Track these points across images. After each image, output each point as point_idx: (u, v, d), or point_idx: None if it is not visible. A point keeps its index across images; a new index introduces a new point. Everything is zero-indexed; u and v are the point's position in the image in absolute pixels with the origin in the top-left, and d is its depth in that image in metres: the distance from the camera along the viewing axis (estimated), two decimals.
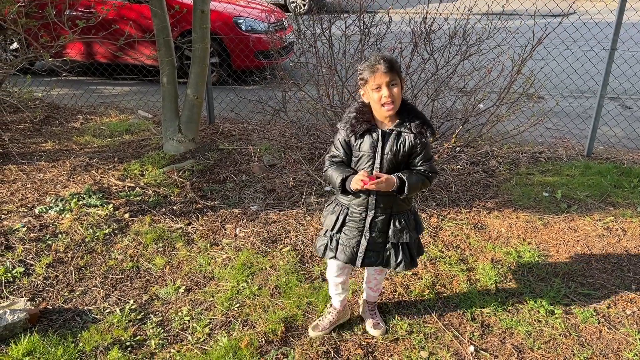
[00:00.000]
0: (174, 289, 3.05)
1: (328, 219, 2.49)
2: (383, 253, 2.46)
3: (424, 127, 2.29)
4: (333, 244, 2.47)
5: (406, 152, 2.31)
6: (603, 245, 3.53)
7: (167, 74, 4.74)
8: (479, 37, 4.18)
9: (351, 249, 2.44)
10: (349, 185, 2.30)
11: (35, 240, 3.47)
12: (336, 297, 2.71)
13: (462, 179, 4.44)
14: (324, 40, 4.32)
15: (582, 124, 5.47)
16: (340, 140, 2.38)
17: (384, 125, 2.33)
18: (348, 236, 2.44)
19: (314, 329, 2.68)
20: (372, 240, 2.42)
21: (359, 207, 2.40)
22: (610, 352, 2.61)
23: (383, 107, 2.23)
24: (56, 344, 2.59)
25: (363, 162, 2.34)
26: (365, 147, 2.31)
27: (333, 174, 2.36)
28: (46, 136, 5.35)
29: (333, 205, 2.50)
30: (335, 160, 2.41)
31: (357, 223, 2.42)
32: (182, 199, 4.06)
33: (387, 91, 2.20)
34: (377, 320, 2.76)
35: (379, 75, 2.19)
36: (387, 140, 2.30)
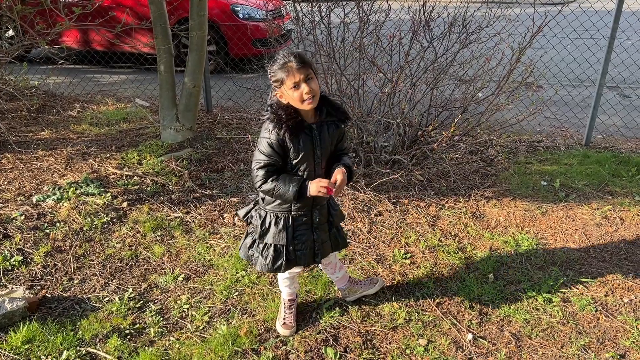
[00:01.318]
0: (172, 277, 3.06)
1: (276, 236, 2.38)
2: (330, 240, 2.52)
3: (344, 113, 2.35)
4: (292, 254, 2.42)
5: (335, 139, 2.36)
6: (601, 234, 3.54)
7: (164, 62, 4.71)
8: (478, 25, 4.15)
9: (309, 250, 2.44)
10: (308, 192, 2.25)
11: (34, 228, 3.47)
12: (287, 290, 2.69)
13: (460, 168, 4.44)
14: (322, 28, 4.28)
15: (581, 113, 5.46)
16: (272, 146, 2.21)
17: (309, 119, 2.29)
18: (302, 240, 2.42)
19: (285, 327, 2.63)
20: (321, 234, 2.46)
21: (304, 208, 2.38)
22: (608, 340, 2.63)
23: (303, 102, 2.17)
24: (55, 332, 2.60)
25: (304, 160, 2.27)
26: (304, 145, 2.24)
27: (282, 186, 2.22)
28: (43, 125, 5.32)
29: (269, 219, 2.40)
30: (271, 170, 2.25)
31: (306, 224, 2.41)
32: (180, 188, 4.05)
33: (307, 87, 2.14)
34: (369, 279, 2.90)
35: (294, 72, 2.13)
36: (321, 132, 2.29)
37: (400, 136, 4.20)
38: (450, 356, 2.51)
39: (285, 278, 2.64)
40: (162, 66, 4.73)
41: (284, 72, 2.14)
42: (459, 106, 4.30)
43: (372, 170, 4.21)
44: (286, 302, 2.70)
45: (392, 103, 4.24)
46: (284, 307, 2.70)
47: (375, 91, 4.37)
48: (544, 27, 4.04)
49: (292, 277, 2.65)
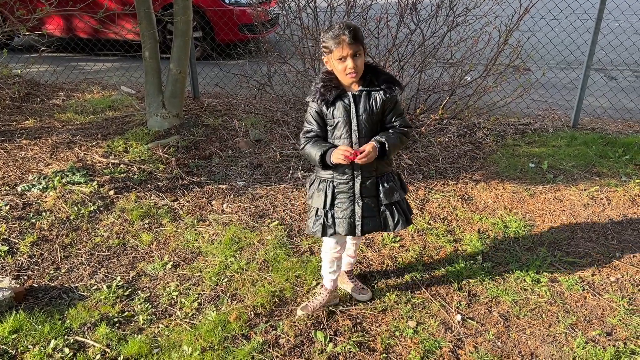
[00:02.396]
0: (161, 265, 3.04)
1: (316, 199, 2.44)
2: (379, 216, 2.45)
3: (391, 82, 2.31)
4: (329, 220, 2.44)
5: (379, 109, 2.32)
6: (588, 215, 3.56)
7: (149, 48, 4.64)
8: (465, 7, 4.13)
9: (348, 219, 2.41)
10: (329, 159, 2.28)
11: (19, 218, 3.42)
12: (329, 277, 2.64)
13: (449, 151, 4.44)
14: (309, 12, 4.24)
15: (569, 95, 5.47)
16: (312, 114, 2.35)
17: (351, 88, 2.33)
18: (342, 208, 2.41)
19: (303, 309, 2.64)
20: (365, 206, 2.41)
21: (344, 176, 2.38)
22: (595, 318, 2.65)
23: (346, 76, 2.25)
24: (43, 321, 2.57)
25: (339, 128, 2.32)
26: (338, 113, 2.29)
27: (311, 150, 2.33)
28: (27, 113, 5.24)
29: (317, 183, 2.46)
30: (310, 136, 2.38)
31: (347, 193, 2.40)
32: (168, 175, 4.02)
33: (352, 62, 2.20)
34: (361, 286, 2.80)
35: (344, 47, 2.18)
36: (359, 101, 2.30)
37: None
38: (440, 337, 2.52)
39: (329, 257, 2.58)
40: (146, 52, 4.66)
41: (335, 43, 2.18)
42: (447, 89, 4.29)
43: None
44: (325, 294, 2.66)
45: None
46: (320, 297, 2.67)
47: None
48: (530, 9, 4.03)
49: (337, 259, 2.60)
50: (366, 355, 2.42)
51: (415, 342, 2.49)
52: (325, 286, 2.69)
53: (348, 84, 2.30)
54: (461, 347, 2.47)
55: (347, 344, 2.46)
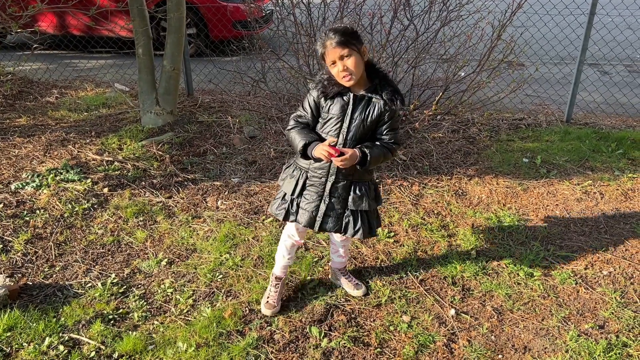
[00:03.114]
0: (156, 262, 3.04)
1: (287, 183, 2.47)
2: (342, 219, 2.45)
3: (394, 95, 2.29)
4: (294, 207, 2.46)
5: (374, 118, 2.31)
6: (581, 209, 3.58)
7: (142, 45, 4.63)
8: (458, 2, 4.13)
9: (310, 212, 2.43)
10: (312, 152, 2.28)
11: (13, 216, 3.41)
12: (281, 262, 2.69)
13: (443, 146, 4.45)
14: (302, 8, 4.23)
15: (562, 90, 5.49)
16: (309, 101, 2.36)
17: (355, 88, 2.31)
18: (308, 200, 2.43)
19: (268, 306, 2.63)
20: (330, 206, 2.42)
21: (320, 170, 2.39)
22: (587, 311, 2.67)
23: (342, 80, 2.24)
24: (37, 319, 2.57)
25: (330, 124, 2.33)
26: (334, 109, 2.30)
27: (296, 136, 2.35)
28: (20, 111, 5.22)
29: (292, 169, 2.48)
30: (300, 121, 2.40)
31: (317, 187, 2.41)
32: (162, 173, 4.01)
33: (342, 65, 2.19)
34: (355, 281, 2.81)
35: (331, 51, 2.19)
36: (358, 104, 2.29)
37: None
38: (434, 332, 2.54)
39: (285, 246, 2.64)
40: (140, 49, 4.65)
41: (322, 48, 2.22)
42: (441, 85, 4.30)
43: None
44: (274, 278, 2.70)
45: None
46: (270, 285, 2.71)
47: None
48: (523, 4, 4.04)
49: (292, 246, 2.66)
50: (361, 350, 2.43)
51: (409, 336, 2.50)
52: (276, 274, 2.71)
53: (347, 85, 2.28)
54: (455, 341, 2.49)
55: (341, 339, 2.47)
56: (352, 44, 2.20)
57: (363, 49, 2.25)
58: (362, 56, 2.23)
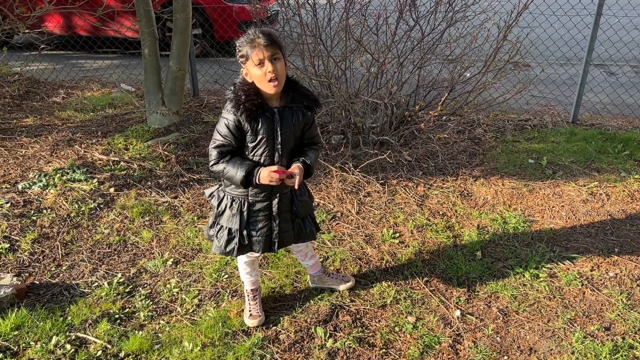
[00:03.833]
0: (162, 261, 3.05)
1: (229, 219, 2.33)
2: (292, 230, 2.42)
3: (312, 99, 2.25)
4: (245, 240, 2.35)
5: (301, 127, 2.26)
6: (587, 210, 3.57)
7: (148, 46, 4.65)
8: (464, 3, 4.13)
9: (264, 237, 2.35)
10: (256, 179, 2.17)
11: (20, 216, 3.44)
12: (248, 278, 2.61)
13: (448, 147, 4.44)
14: (307, 9, 4.24)
15: (568, 90, 5.48)
16: (230, 127, 2.16)
17: (272, 102, 2.21)
18: (258, 227, 2.34)
19: (252, 318, 2.57)
20: (282, 223, 2.37)
21: (262, 194, 2.29)
22: (593, 313, 2.67)
23: (268, 83, 2.11)
24: (44, 318, 2.59)
25: (262, 145, 2.20)
26: (262, 129, 2.16)
27: (230, 169, 2.17)
28: (27, 111, 5.25)
29: (228, 201, 2.34)
30: (224, 151, 2.21)
31: (263, 211, 2.33)
32: (168, 173, 4.03)
33: (271, 66, 2.08)
34: (341, 275, 2.81)
35: (260, 49, 2.07)
36: (284, 118, 2.20)
37: (388, 117, 4.20)
38: (439, 332, 2.54)
39: (245, 263, 2.55)
40: (146, 50, 4.67)
41: (250, 47, 2.08)
42: (446, 85, 4.30)
43: (360, 152, 4.20)
44: (249, 292, 2.63)
45: (380, 83, 4.22)
46: (247, 299, 2.63)
47: (362, 72, 4.35)
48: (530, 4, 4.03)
49: (252, 262, 2.57)
50: (366, 351, 2.43)
51: (414, 337, 2.50)
52: (250, 288, 2.64)
53: (272, 92, 2.15)
54: (460, 342, 2.49)
55: (346, 340, 2.48)
56: (281, 47, 2.13)
57: (286, 57, 2.19)
58: (285, 64, 2.16)
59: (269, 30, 2.12)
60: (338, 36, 4.33)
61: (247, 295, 2.64)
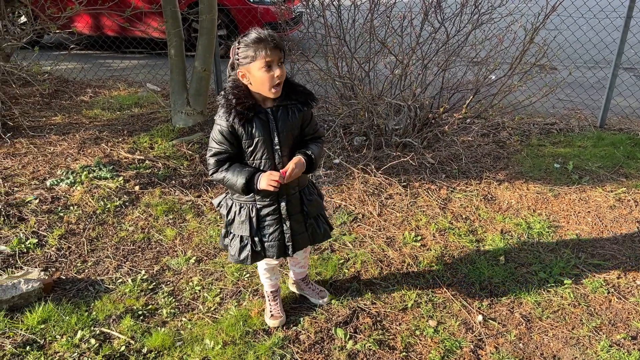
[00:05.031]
0: (184, 259, 3.09)
1: (239, 226, 2.29)
2: (306, 231, 2.37)
3: (307, 95, 2.18)
4: (257, 246, 2.30)
5: (299, 123, 2.19)
6: (614, 216, 3.50)
7: (174, 46, 4.71)
8: (491, 5, 4.09)
9: (277, 242, 2.30)
10: (257, 185, 2.13)
11: (48, 212, 3.51)
12: (268, 282, 2.61)
13: (472, 150, 4.40)
14: (332, 10, 4.25)
15: (596, 94, 5.38)
16: (223, 133, 2.10)
17: (266, 103, 2.14)
18: (269, 232, 2.29)
19: (273, 319, 2.57)
20: (294, 225, 2.31)
21: (268, 198, 2.24)
22: (620, 322, 2.61)
23: (272, 89, 2.04)
24: (70, 312, 2.64)
25: (260, 148, 2.14)
26: (257, 132, 2.10)
27: (230, 177, 2.12)
28: (56, 110, 5.36)
29: (237, 208, 2.29)
30: (222, 159, 2.15)
31: (273, 215, 2.27)
32: (192, 172, 4.07)
33: (279, 70, 2.01)
34: (319, 289, 2.74)
35: (270, 51, 1.97)
36: (279, 117, 2.13)
37: (411, 119, 4.18)
38: (460, 337, 2.51)
39: (264, 269, 2.55)
40: (172, 50, 4.73)
41: (258, 49, 1.98)
42: (471, 88, 4.26)
43: (382, 154, 4.19)
44: (269, 293, 2.63)
45: (403, 85, 4.21)
46: (268, 300, 2.63)
47: (386, 73, 4.34)
48: (558, 7, 3.97)
49: (271, 269, 2.56)
50: (386, 354, 2.42)
51: (435, 341, 2.49)
52: (270, 291, 2.63)
53: (272, 96, 2.08)
54: (482, 348, 2.46)
55: (367, 342, 2.47)
56: (286, 52, 2.07)
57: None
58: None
59: (275, 34, 2.05)
60: (362, 37, 4.33)
61: (267, 296, 2.65)
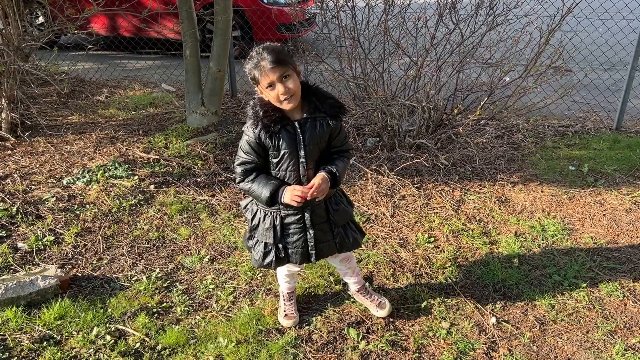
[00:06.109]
0: (198, 258, 3.11)
1: (263, 232, 2.30)
2: (333, 239, 2.34)
3: (337, 107, 2.15)
4: (281, 252, 2.31)
5: (326, 137, 2.17)
6: (630, 220, 3.47)
7: (189, 47, 4.75)
8: (506, 7, 4.07)
9: (301, 249, 2.30)
10: (281, 198, 2.14)
11: (64, 210, 3.56)
12: (286, 285, 2.62)
13: (486, 152, 4.38)
14: (346, 11, 4.26)
15: (612, 96, 5.32)
16: (251, 144, 2.12)
17: (294, 115, 2.13)
18: (293, 239, 2.29)
19: (287, 318, 2.59)
20: (318, 233, 2.29)
21: (292, 207, 2.21)
22: (635, 326, 2.59)
23: (282, 103, 2.05)
24: (86, 309, 2.68)
25: (285, 161, 2.14)
26: (284, 144, 2.10)
27: (256, 188, 2.15)
28: (72, 109, 5.43)
29: (261, 215, 2.30)
30: (249, 168, 2.18)
31: (297, 224, 2.26)
32: (206, 171, 4.11)
33: (282, 87, 2.00)
34: (379, 299, 2.65)
35: (267, 72, 1.99)
36: (305, 130, 2.12)
37: (425, 120, 4.17)
38: (473, 339, 2.51)
39: (285, 274, 2.56)
40: (187, 51, 4.77)
41: (257, 71, 2.01)
42: (486, 89, 4.24)
43: (395, 155, 4.19)
44: (285, 295, 2.63)
45: (417, 86, 4.20)
46: (283, 300, 2.65)
47: (399, 74, 4.33)
48: (574, 8, 3.94)
49: (291, 275, 2.58)
50: (398, 354, 2.42)
51: (448, 342, 2.48)
52: (284, 291, 2.64)
53: (288, 109, 2.09)
54: (495, 350, 2.45)
55: (379, 342, 2.47)
56: (289, 63, 2.03)
57: (298, 68, 2.10)
58: (298, 76, 2.08)
59: (274, 47, 2.03)
60: (376, 39, 4.33)
61: (282, 296, 2.66)
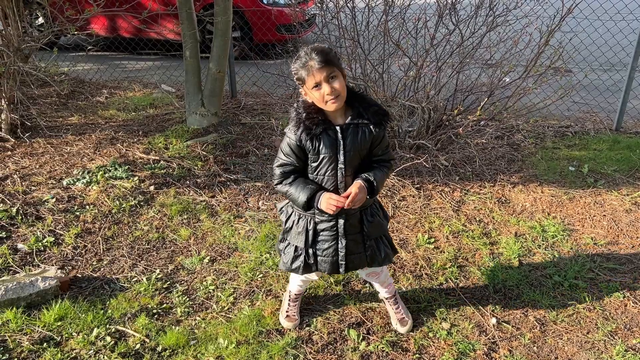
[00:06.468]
0: (198, 259, 3.11)
1: (295, 236, 2.30)
2: (364, 252, 2.31)
3: (381, 114, 2.13)
4: (311, 258, 2.30)
5: (368, 144, 2.15)
6: (630, 220, 3.47)
7: (189, 48, 4.75)
8: (506, 7, 4.07)
9: (331, 258, 2.28)
10: (317, 204, 2.13)
11: (64, 211, 3.56)
12: (297, 289, 2.61)
13: (486, 153, 4.38)
14: (346, 12, 4.26)
15: (612, 97, 5.32)
16: (292, 146, 2.12)
17: (337, 119, 2.13)
18: (324, 247, 2.28)
19: (288, 320, 2.59)
20: (350, 244, 2.27)
21: (326, 213, 2.18)
22: (635, 326, 2.59)
23: (327, 103, 2.04)
24: (86, 310, 2.68)
25: (324, 165, 2.14)
26: (324, 149, 2.10)
27: (294, 192, 2.15)
28: (72, 110, 5.43)
29: (295, 218, 2.30)
30: (287, 171, 2.18)
31: (330, 231, 2.25)
32: (206, 172, 4.10)
33: (329, 87, 2.00)
34: (403, 315, 2.59)
35: (315, 72, 1.99)
36: (347, 135, 2.10)
37: (424, 121, 4.17)
38: (474, 340, 2.51)
39: (300, 279, 2.54)
40: (187, 52, 4.77)
41: (304, 71, 2.02)
42: (485, 90, 4.24)
43: (395, 155, 4.19)
44: (292, 295, 2.62)
45: (417, 87, 4.20)
46: (288, 299, 2.64)
47: (399, 75, 4.34)
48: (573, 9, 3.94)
49: (307, 281, 2.59)
50: (399, 355, 2.42)
51: (448, 343, 2.48)
52: (292, 293, 2.62)
53: (332, 110, 2.07)
54: (496, 351, 2.45)
55: (380, 343, 2.47)
56: (337, 64, 2.03)
57: (344, 71, 2.09)
58: (344, 78, 2.07)
59: (323, 48, 2.04)
60: (376, 39, 4.33)
61: (289, 296, 2.65)
